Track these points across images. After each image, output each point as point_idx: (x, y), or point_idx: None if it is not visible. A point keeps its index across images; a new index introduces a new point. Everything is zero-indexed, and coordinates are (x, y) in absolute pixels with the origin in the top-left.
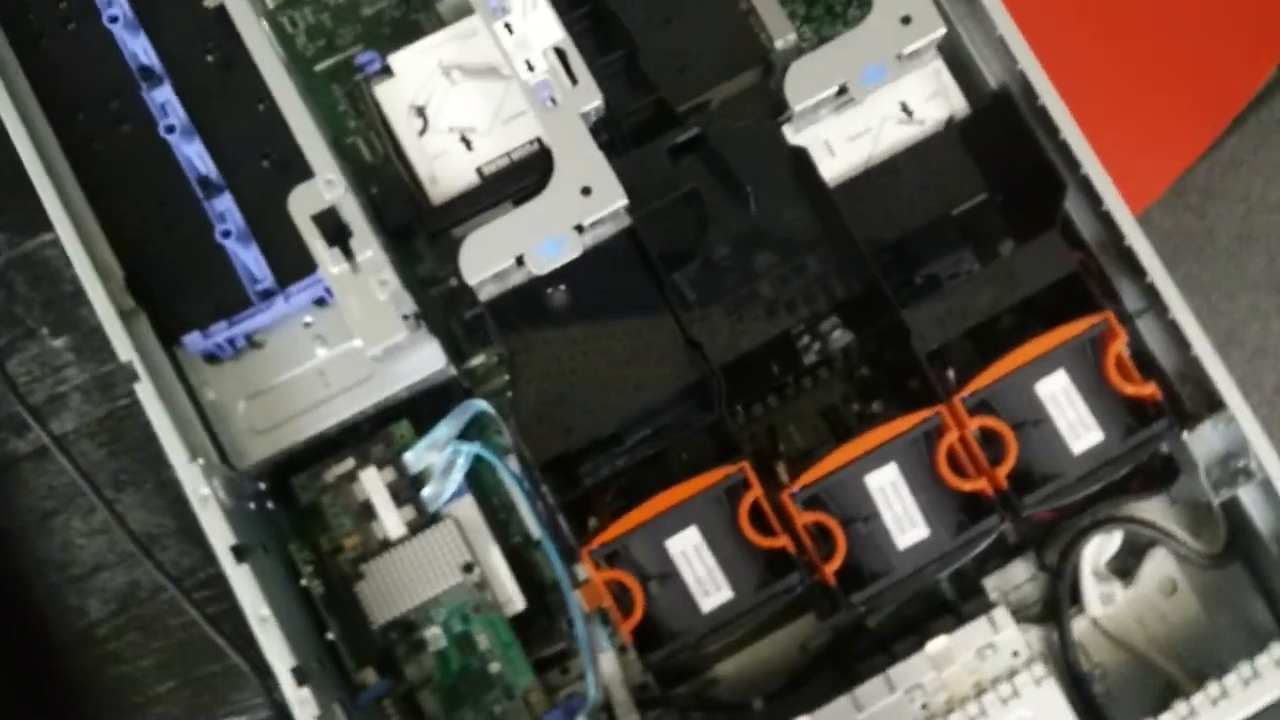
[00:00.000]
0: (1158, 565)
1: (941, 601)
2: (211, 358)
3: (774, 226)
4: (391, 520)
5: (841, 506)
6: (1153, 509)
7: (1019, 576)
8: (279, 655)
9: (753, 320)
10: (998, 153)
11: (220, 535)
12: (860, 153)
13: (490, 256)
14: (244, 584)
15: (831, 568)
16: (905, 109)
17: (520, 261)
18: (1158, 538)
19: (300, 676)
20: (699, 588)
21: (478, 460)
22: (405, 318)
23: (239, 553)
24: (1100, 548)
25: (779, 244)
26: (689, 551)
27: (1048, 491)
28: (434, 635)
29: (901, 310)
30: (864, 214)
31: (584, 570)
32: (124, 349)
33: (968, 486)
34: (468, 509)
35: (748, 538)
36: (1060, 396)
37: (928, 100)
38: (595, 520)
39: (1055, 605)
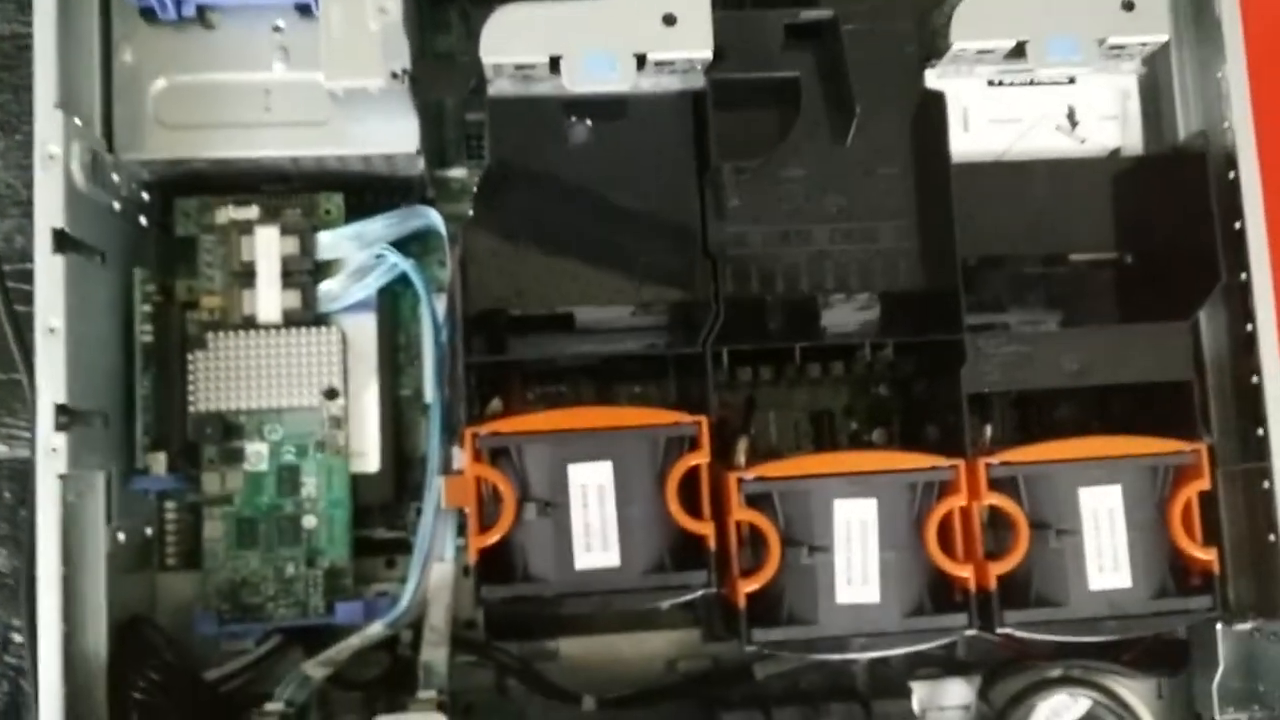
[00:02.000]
0: None
1: (850, 685)
2: (150, 14)
3: (865, 169)
4: (269, 298)
5: (791, 521)
6: (1135, 690)
7: (952, 697)
8: (50, 382)
9: (790, 264)
10: (1157, 211)
11: (49, 210)
12: (999, 141)
13: (521, 40)
14: (49, 279)
15: (748, 586)
16: (1071, 117)
17: (555, 67)
18: None
19: (66, 419)
20: (583, 537)
21: (401, 282)
22: (393, 75)
23: (62, 241)
24: (1057, 709)
25: (861, 193)
26: (591, 490)
27: (1039, 618)
28: (256, 453)
29: (966, 332)
30: (974, 210)
31: (462, 459)
32: None
33: (950, 569)
34: (364, 328)
35: (668, 506)
36: (1103, 515)
37: (1101, 119)
38: (500, 403)
39: None
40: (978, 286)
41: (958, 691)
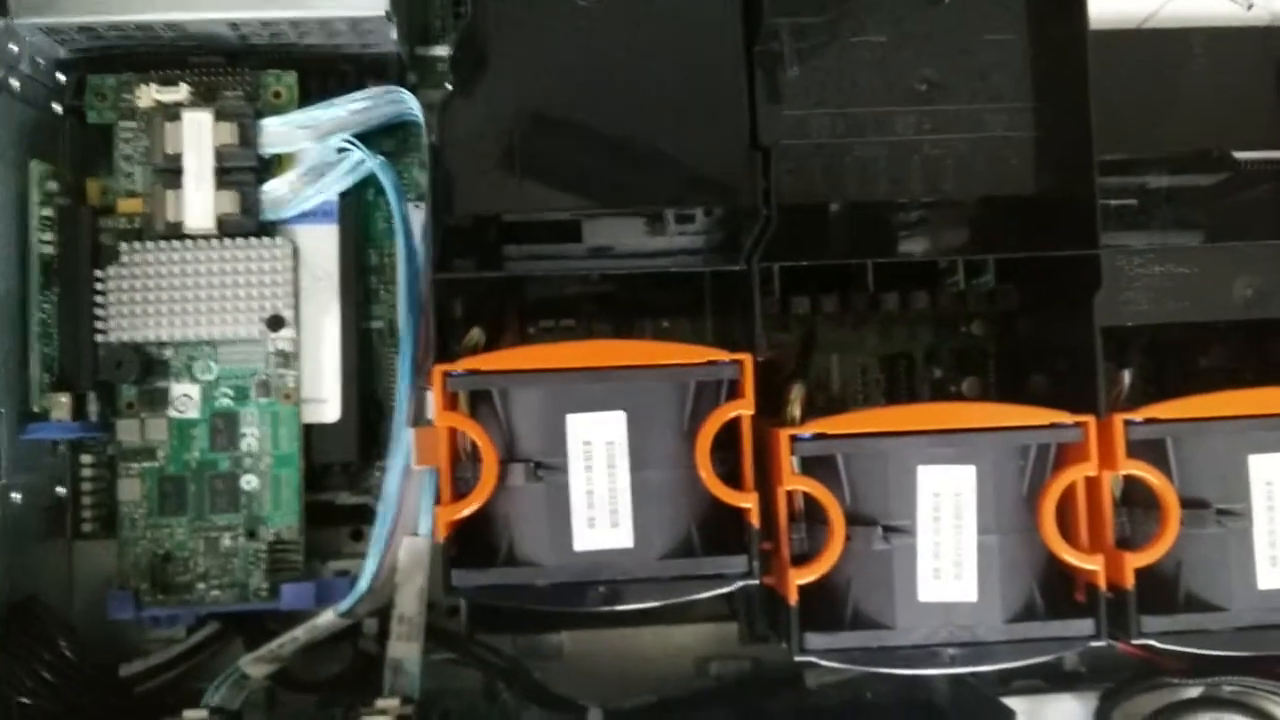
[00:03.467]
0: None
1: (926, 698)
2: None
3: (967, 33)
4: (200, 200)
5: (860, 493)
6: None
7: (1058, 717)
8: None
9: (863, 159)
10: None
11: None
12: (1143, 2)
13: None
14: None
15: (802, 578)
16: None
17: None
18: None
19: None
20: (586, 510)
21: (371, 186)
22: None
23: None
24: None
25: (960, 65)
26: (598, 449)
27: (1190, 626)
28: (183, 396)
29: (1103, 248)
30: (1108, 92)
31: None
32: None
33: (1073, 559)
34: (323, 243)
35: (698, 470)
36: (1277, 490)
37: None
38: (480, 333)
39: None
40: (1108, 195)
41: (1066, 711)
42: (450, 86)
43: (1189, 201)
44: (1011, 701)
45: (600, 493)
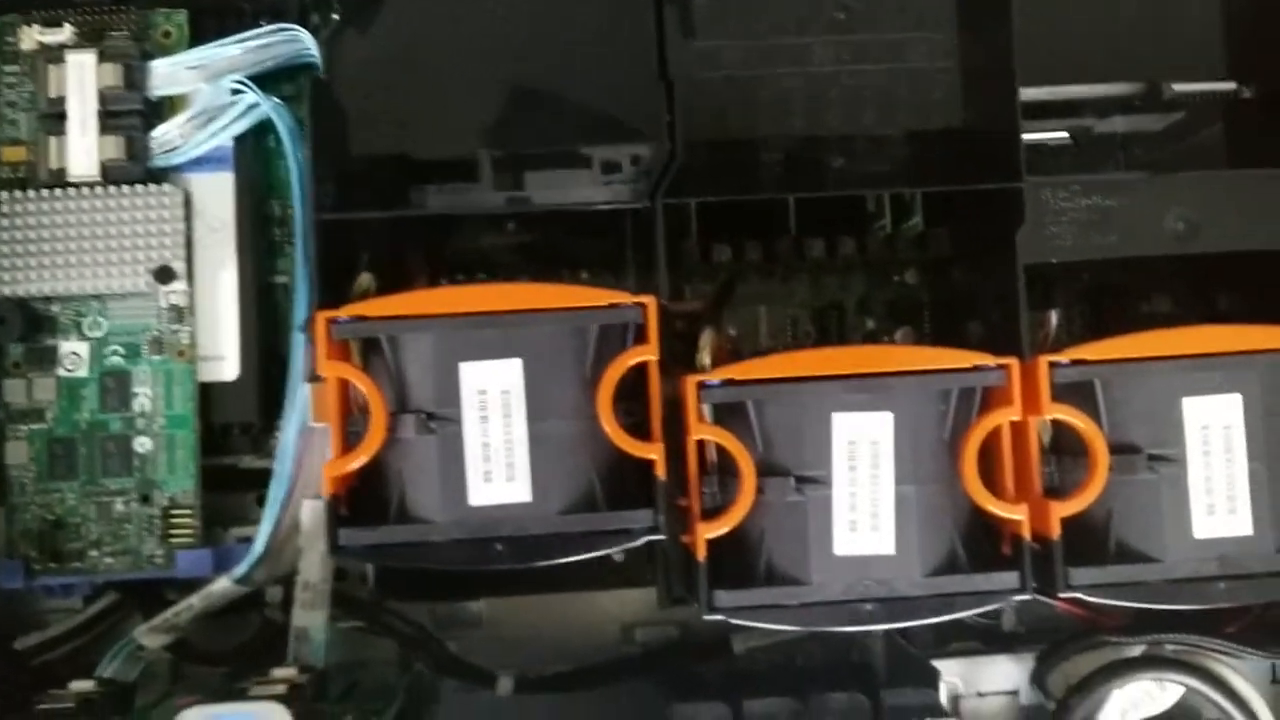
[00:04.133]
0: None
1: (864, 661)
2: None
3: None
4: (84, 146)
5: (773, 442)
6: (1242, 673)
7: (995, 680)
8: None
9: (779, 96)
10: None
11: None
12: None
13: None
14: None
15: (710, 531)
16: None
17: None
18: None
19: None
20: (481, 463)
21: (271, 133)
22: None
23: None
24: (1139, 700)
25: None
26: (493, 398)
27: (1121, 578)
28: (72, 354)
29: (1027, 180)
30: (1034, 20)
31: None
32: None
33: (996, 509)
34: (218, 190)
35: (600, 420)
36: (1217, 435)
37: None
38: (370, 279)
39: None
40: (1051, 143)
41: (1003, 673)
42: (337, 16)
43: (1141, 145)
44: (948, 664)
45: (496, 445)
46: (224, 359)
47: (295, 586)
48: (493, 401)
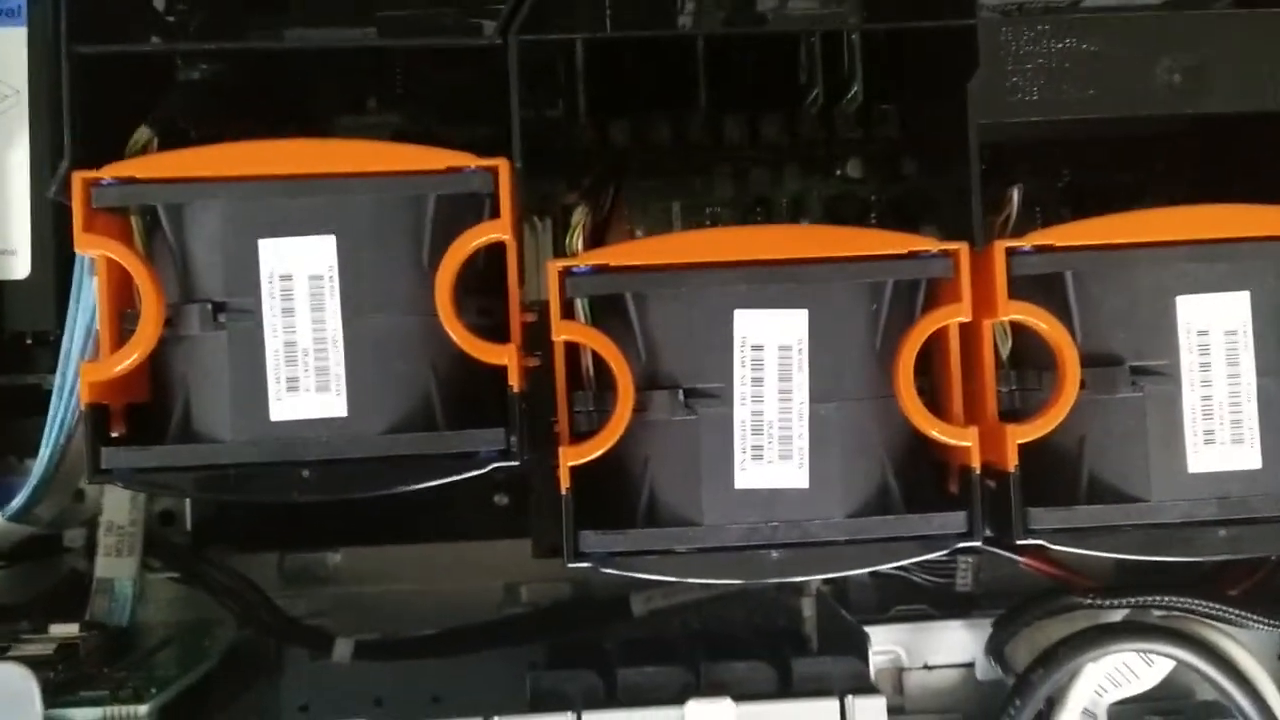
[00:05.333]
0: None
1: (777, 631)
2: None
3: None
4: None
5: (657, 345)
6: (1245, 644)
7: (945, 651)
8: None
9: None
10: None
11: None
12: None
13: None
14: None
15: (576, 457)
16: None
17: None
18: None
19: None
20: (284, 366)
21: None
22: None
23: None
24: (1117, 677)
25: None
26: (300, 284)
27: (1093, 521)
28: None
29: (982, 14)
30: None
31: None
32: None
33: (936, 432)
34: (7, 49)
35: (440, 315)
36: (1218, 343)
37: None
38: (149, 132)
39: None
40: None
41: (956, 642)
42: None
43: None
44: (890, 630)
45: (304, 344)
46: (13, 254)
47: (99, 530)
48: (300, 290)
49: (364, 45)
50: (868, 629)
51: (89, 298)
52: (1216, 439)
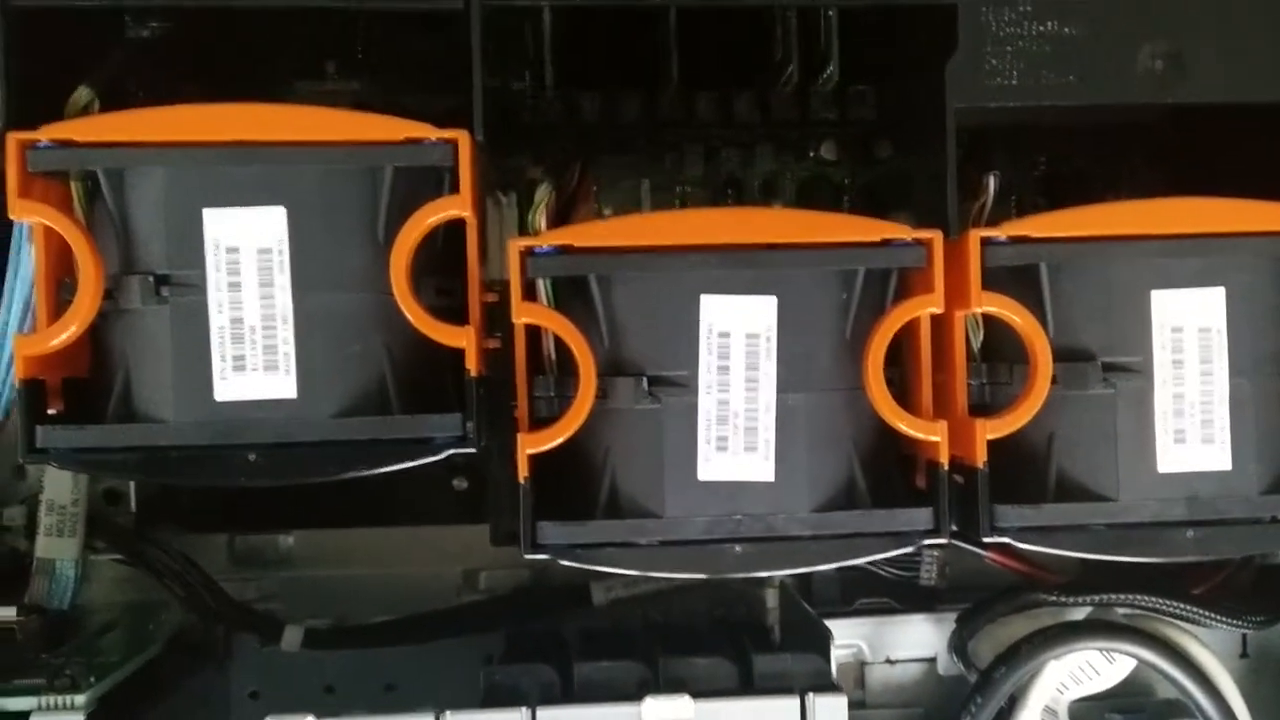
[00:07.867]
0: None
1: (738, 624)
2: None
3: None
4: None
5: (620, 331)
6: (1206, 641)
7: (907, 646)
8: None
9: None
10: None
11: None
12: None
13: None
14: None
15: (534, 444)
16: None
17: None
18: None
19: None
20: (229, 343)
21: None
22: None
23: None
24: (1079, 674)
25: None
26: (248, 259)
27: (1062, 520)
28: None
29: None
30: None
31: None
32: None
33: (905, 427)
34: None
35: (395, 293)
36: (1192, 341)
37: None
38: (90, 93)
39: None
40: None
41: (919, 636)
42: None
43: None
44: (852, 624)
45: (250, 320)
46: None
47: (40, 508)
48: (247, 263)
49: (323, 6)
50: (830, 622)
51: (26, 268)
52: (1187, 438)
